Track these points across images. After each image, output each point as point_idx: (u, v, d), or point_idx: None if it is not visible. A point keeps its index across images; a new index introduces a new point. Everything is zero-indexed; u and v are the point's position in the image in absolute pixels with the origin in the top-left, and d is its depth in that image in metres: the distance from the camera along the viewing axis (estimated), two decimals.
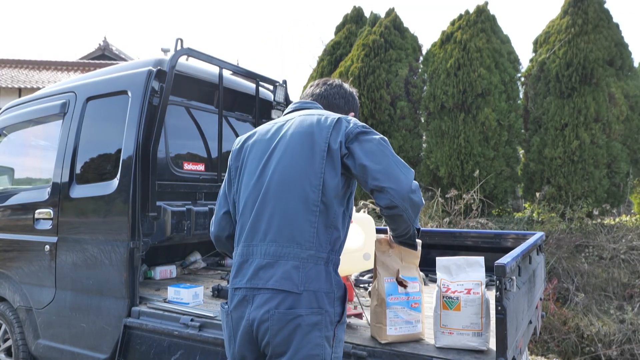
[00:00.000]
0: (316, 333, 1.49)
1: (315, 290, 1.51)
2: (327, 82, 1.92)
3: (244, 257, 1.62)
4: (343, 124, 1.63)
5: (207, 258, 4.06)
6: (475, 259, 1.99)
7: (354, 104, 1.94)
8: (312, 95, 1.89)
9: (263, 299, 1.52)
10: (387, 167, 1.55)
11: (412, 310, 1.97)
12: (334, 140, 1.59)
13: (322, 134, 1.60)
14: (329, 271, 1.56)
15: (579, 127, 6.84)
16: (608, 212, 7.09)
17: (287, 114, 1.82)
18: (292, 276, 1.50)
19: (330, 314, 1.53)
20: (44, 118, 3.57)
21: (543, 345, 5.54)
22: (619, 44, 7.31)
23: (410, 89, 8.05)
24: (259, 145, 1.71)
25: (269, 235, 1.56)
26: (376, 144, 1.59)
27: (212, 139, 3.61)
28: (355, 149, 1.58)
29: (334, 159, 1.58)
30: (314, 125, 1.64)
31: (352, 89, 1.96)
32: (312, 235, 1.54)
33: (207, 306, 2.75)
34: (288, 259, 1.52)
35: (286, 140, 1.65)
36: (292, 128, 1.67)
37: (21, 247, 3.41)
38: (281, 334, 1.49)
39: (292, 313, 1.48)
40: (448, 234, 3.72)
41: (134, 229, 2.81)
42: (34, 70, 16.60)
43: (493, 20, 7.82)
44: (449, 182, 7.43)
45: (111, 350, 2.82)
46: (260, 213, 1.60)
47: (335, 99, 1.88)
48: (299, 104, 1.85)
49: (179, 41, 2.97)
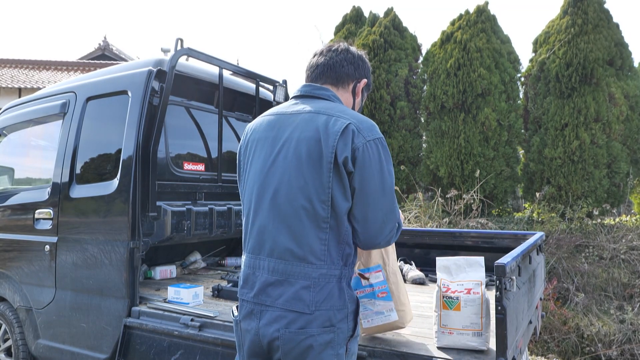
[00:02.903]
0: (329, 352, 1.45)
1: (327, 309, 1.45)
2: (332, 49, 1.71)
3: (251, 268, 1.56)
4: (350, 134, 1.48)
5: (207, 258, 4.07)
6: (475, 259, 1.99)
7: (365, 69, 1.75)
8: (317, 67, 1.69)
9: (272, 317, 1.47)
10: (367, 213, 1.49)
11: (379, 300, 1.91)
12: (341, 152, 1.46)
13: (328, 143, 1.47)
14: (341, 287, 1.50)
15: (579, 127, 6.84)
16: (608, 212, 7.09)
17: (294, 102, 1.66)
18: (303, 297, 1.44)
19: (343, 330, 1.48)
20: (44, 118, 3.57)
21: (543, 345, 5.54)
22: (619, 44, 7.31)
23: (410, 89, 8.05)
24: (263, 145, 1.60)
25: (276, 251, 1.49)
26: (375, 174, 1.49)
27: (212, 139, 3.61)
28: (356, 176, 1.48)
29: (341, 176, 1.47)
30: (320, 130, 1.50)
31: (360, 52, 1.76)
32: (323, 252, 1.47)
33: (207, 306, 2.75)
34: (298, 278, 1.45)
35: (292, 146, 1.53)
36: (297, 131, 1.54)
37: (21, 247, 3.41)
38: (293, 354, 1.44)
39: (304, 333, 1.43)
40: (448, 234, 3.72)
41: (134, 229, 2.81)
42: (34, 70, 16.60)
43: (493, 20, 7.82)
44: (449, 182, 7.43)
45: (111, 350, 2.82)
46: (265, 225, 1.52)
47: (342, 67, 1.68)
48: (308, 88, 1.67)
49: (179, 41, 2.97)
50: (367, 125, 1.53)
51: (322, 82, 1.68)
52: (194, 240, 3.48)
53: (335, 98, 1.65)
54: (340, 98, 1.68)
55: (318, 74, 1.69)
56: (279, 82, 3.86)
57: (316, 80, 1.69)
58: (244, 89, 3.89)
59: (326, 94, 1.64)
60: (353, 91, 1.72)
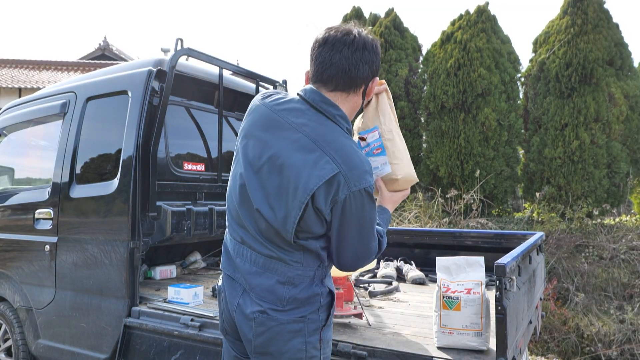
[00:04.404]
0: (299, 339, 1.51)
1: (298, 304, 1.52)
2: (347, 41, 1.49)
3: (234, 252, 1.60)
4: (334, 185, 1.40)
5: (207, 258, 4.06)
6: (475, 259, 1.99)
7: (378, 63, 1.58)
8: (330, 66, 1.50)
9: (249, 300, 1.54)
10: (340, 251, 1.52)
11: (375, 157, 1.89)
12: (318, 200, 1.42)
13: (308, 186, 1.41)
14: (314, 285, 1.55)
15: (578, 127, 6.85)
16: (608, 212, 7.10)
17: (297, 107, 1.53)
18: (277, 292, 1.51)
19: (314, 321, 1.53)
20: (44, 118, 3.57)
21: (543, 345, 5.54)
22: (618, 44, 7.31)
23: (410, 89, 8.05)
24: (254, 145, 1.54)
25: (257, 247, 1.54)
26: (354, 223, 1.46)
27: (212, 139, 3.61)
28: (334, 221, 1.46)
29: (318, 214, 1.45)
30: (307, 166, 1.42)
31: (374, 40, 1.57)
32: (299, 257, 1.51)
33: (207, 306, 2.75)
34: (274, 274, 1.52)
35: (276, 166, 1.47)
36: (287, 151, 1.46)
37: (21, 247, 3.41)
38: (263, 337, 1.51)
39: (275, 320, 1.50)
40: (448, 234, 3.72)
41: (134, 229, 2.81)
42: (34, 70, 16.60)
43: (493, 21, 7.82)
44: (449, 182, 7.44)
45: (111, 350, 2.82)
46: (247, 226, 1.55)
47: (358, 69, 1.50)
48: (317, 97, 1.53)
49: (179, 41, 2.97)
50: (357, 172, 1.43)
51: (333, 87, 1.53)
52: (194, 240, 3.48)
53: (342, 119, 1.54)
54: (350, 103, 1.57)
55: (330, 77, 1.51)
56: (279, 82, 3.86)
57: (327, 83, 1.53)
58: (244, 89, 3.89)
59: (333, 113, 1.51)
60: (364, 92, 1.59)
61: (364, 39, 1.52)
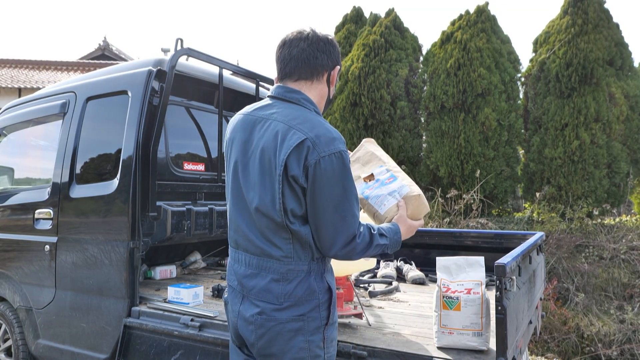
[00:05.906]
0: (300, 338, 1.53)
1: (295, 300, 1.54)
2: (302, 37, 1.64)
3: (233, 259, 1.70)
4: (304, 150, 1.48)
5: (207, 258, 4.07)
6: (475, 259, 1.99)
7: (337, 54, 1.71)
8: (290, 61, 1.64)
9: (249, 304, 1.58)
10: (318, 226, 1.52)
11: (389, 184, 1.93)
12: (291, 168, 1.49)
13: (280, 156, 1.50)
14: (310, 281, 1.56)
15: (579, 127, 6.85)
16: (608, 212, 7.10)
17: (267, 104, 1.67)
18: (272, 289, 1.54)
19: (314, 319, 1.55)
20: (44, 118, 3.57)
21: (543, 345, 5.54)
22: (619, 44, 7.31)
23: (410, 89, 8.05)
24: (237, 147, 1.65)
25: (249, 248, 1.60)
26: (326, 190, 1.49)
27: (212, 139, 3.61)
28: (309, 191, 1.50)
29: (293, 189, 1.51)
30: (277, 140, 1.52)
31: (329, 35, 1.70)
32: (289, 251, 1.55)
33: (207, 306, 2.75)
34: (268, 272, 1.56)
35: (257, 154, 1.57)
36: (263, 139, 1.57)
37: (21, 247, 3.41)
38: (265, 338, 1.54)
39: (274, 320, 1.53)
40: (448, 234, 3.72)
41: (134, 229, 2.81)
42: (34, 70, 16.60)
43: (493, 20, 7.82)
44: (449, 182, 7.43)
45: (111, 350, 2.82)
46: (239, 224, 1.63)
47: (316, 58, 1.64)
48: (281, 90, 1.66)
49: (179, 41, 2.97)
50: (325, 139, 1.50)
51: (296, 77, 1.65)
52: (194, 240, 3.48)
53: (306, 102, 1.63)
54: (315, 90, 1.67)
55: (292, 69, 1.65)
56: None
57: (290, 75, 1.66)
58: (244, 89, 3.89)
59: (297, 97, 1.63)
60: (327, 80, 1.70)
61: (318, 33, 1.68)
